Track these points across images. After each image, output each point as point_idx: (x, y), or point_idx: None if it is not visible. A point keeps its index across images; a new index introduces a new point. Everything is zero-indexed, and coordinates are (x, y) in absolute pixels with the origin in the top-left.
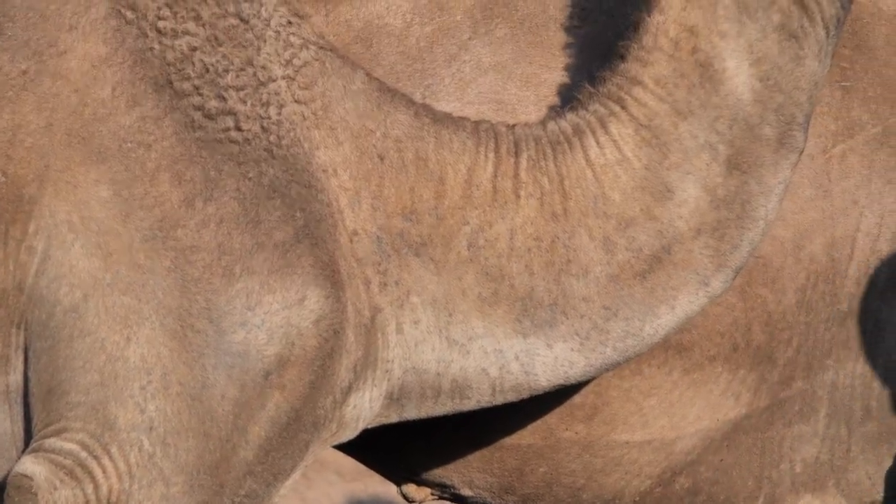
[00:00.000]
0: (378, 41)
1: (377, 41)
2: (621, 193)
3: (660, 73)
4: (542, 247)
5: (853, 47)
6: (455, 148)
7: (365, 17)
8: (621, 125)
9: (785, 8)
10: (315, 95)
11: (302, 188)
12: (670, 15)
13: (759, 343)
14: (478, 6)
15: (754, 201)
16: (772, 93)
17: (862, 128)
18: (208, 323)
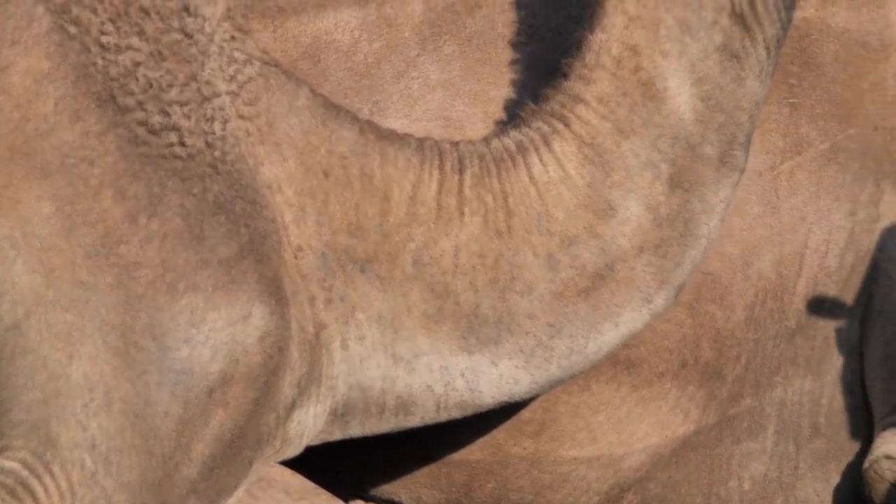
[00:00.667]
0: (326, 57)
1: (325, 57)
2: (564, 211)
3: (602, 91)
4: (486, 264)
5: (801, 64)
6: (400, 165)
7: (313, 33)
8: (564, 143)
9: (727, 28)
10: (259, 111)
11: (247, 204)
12: (613, 34)
13: (707, 360)
14: (426, 23)
15: (696, 219)
16: (713, 112)
17: (810, 145)
18: (152, 340)
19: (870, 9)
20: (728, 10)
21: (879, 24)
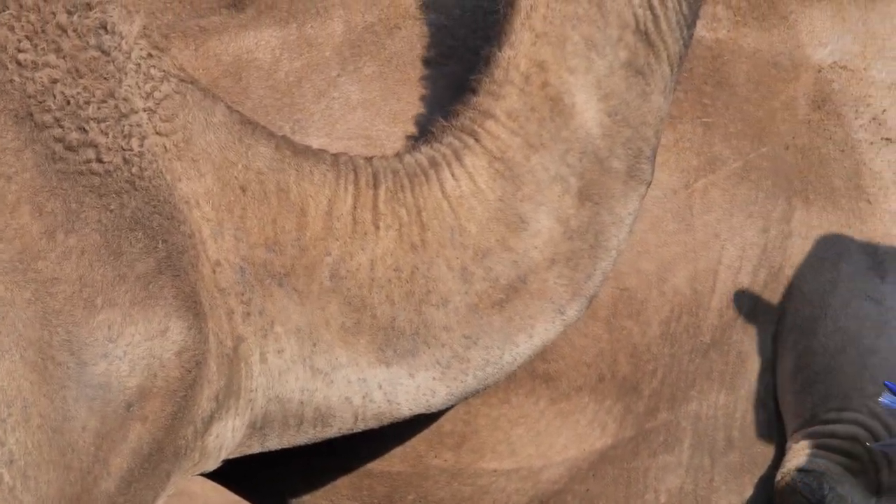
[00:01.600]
0: (247, 75)
1: (246, 75)
2: (477, 224)
3: (511, 106)
4: (401, 277)
5: (714, 84)
6: (316, 180)
7: (234, 52)
8: (475, 157)
9: (632, 45)
10: (176, 127)
11: (164, 220)
12: (521, 50)
13: (624, 374)
14: (346, 43)
15: (606, 232)
16: (620, 127)
17: (723, 163)
18: (69, 355)
19: (780, 30)
20: (633, 27)
21: (790, 45)
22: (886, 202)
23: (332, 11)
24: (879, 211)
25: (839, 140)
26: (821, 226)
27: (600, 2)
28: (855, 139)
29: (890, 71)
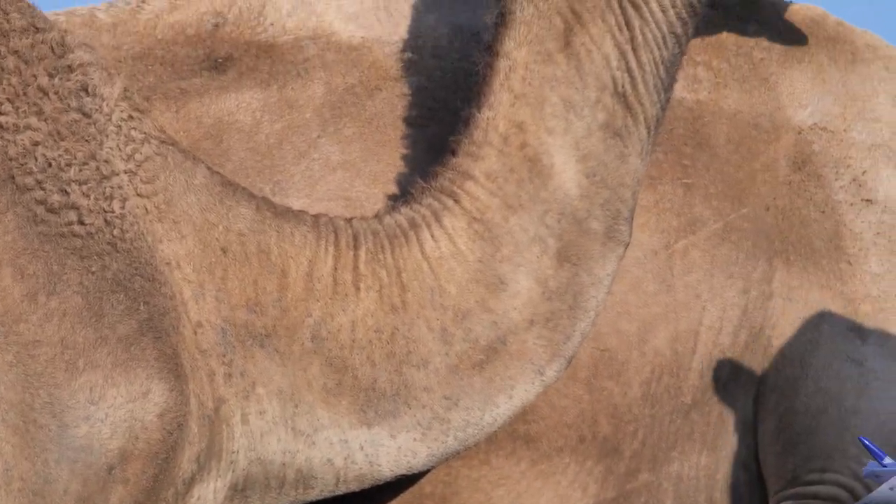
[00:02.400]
0: (228, 137)
1: (227, 137)
2: (457, 286)
3: (490, 167)
4: (382, 338)
5: (695, 145)
6: (296, 241)
7: (215, 114)
8: (454, 218)
9: (610, 107)
10: (157, 189)
11: (145, 281)
12: (500, 111)
13: (605, 435)
14: (327, 105)
15: (585, 292)
16: (598, 188)
17: (704, 224)
18: (51, 417)
19: (761, 91)
20: (611, 89)
21: (770, 106)
22: (867, 263)
23: (312, 73)
24: (860, 272)
25: (819, 201)
26: (801, 286)
27: (578, 64)
28: (835, 200)
29: (870, 132)
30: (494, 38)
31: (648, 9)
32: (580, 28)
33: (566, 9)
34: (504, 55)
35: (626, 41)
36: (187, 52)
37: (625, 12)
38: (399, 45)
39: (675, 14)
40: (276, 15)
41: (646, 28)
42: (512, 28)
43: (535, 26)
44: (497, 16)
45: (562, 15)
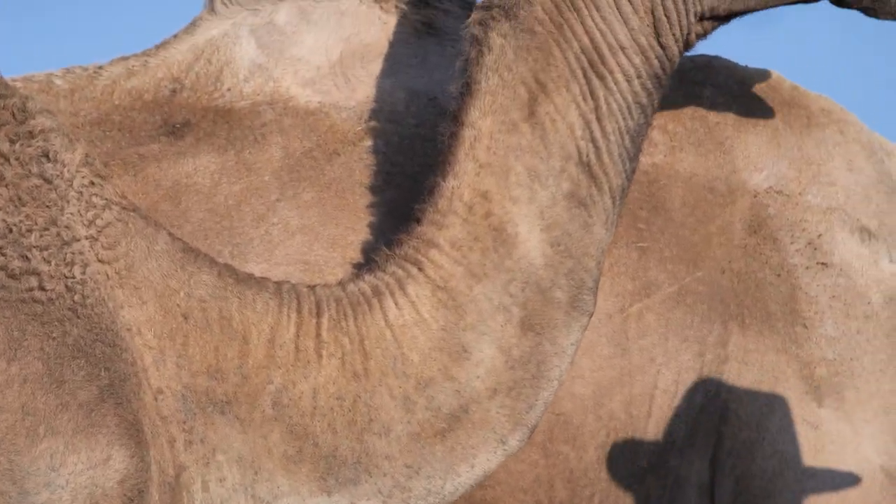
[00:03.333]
0: (186, 199)
1: (186, 198)
2: (420, 354)
3: (455, 236)
4: (344, 406)
5: (650, 209)
6: (258, 308)
7: (173, 177)
8: (419, 287)
9: (574, 176)
10: (118, 255)
11: (106, 347)
12: (464, 180)
13: (561, 499)
14: (285, 168)
15: (548, 362)
16: (562, 258)
17: (659, 287)
18: (11, 484)
19: (716, 154)
20: (576, 158)
21: (726, 170)
22: (822, 326)
23: (270, 138)
24: (815, 335)
25: (775, 265)
26: (757, 350)
27: (543, 133)
28: (791, 264)
29: (825, 196)
30: (459, 107)
31: (613, 79)
32: (545, 98)
33: (531, 78)
34: (469, 124)
35: (591, 111)
36: (145, 118)
37: (589, 82)
38: (356, 110)
39: (639, 84)
40: (234, 80)
41: (610, 98)
42: (477, 98)
43: (500, 96)
44: (462, 85)
45: (526, 85)
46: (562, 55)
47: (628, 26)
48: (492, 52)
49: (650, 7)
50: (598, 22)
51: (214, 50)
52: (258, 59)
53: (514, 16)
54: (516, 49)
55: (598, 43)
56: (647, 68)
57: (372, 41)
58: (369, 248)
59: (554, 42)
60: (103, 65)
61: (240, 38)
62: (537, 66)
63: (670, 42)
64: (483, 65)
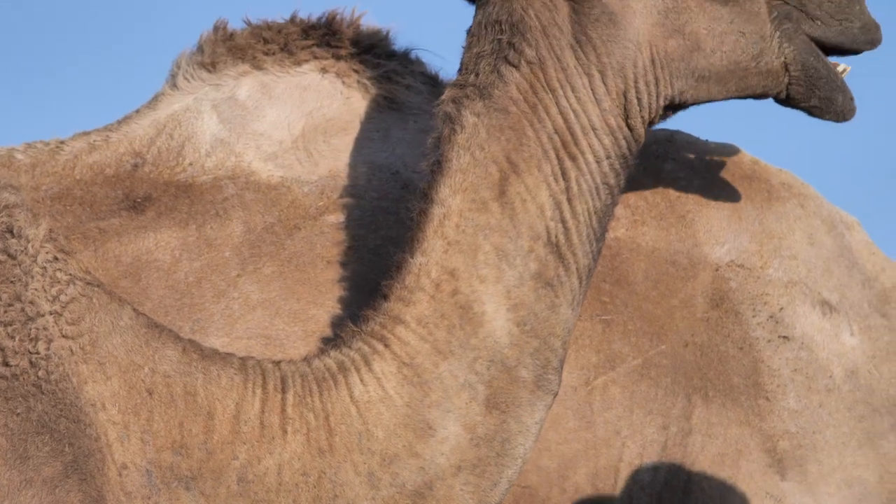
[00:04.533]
0: (147, 276)
1: (146, 276)
2: (384, 430)
3: (422, 312)
4: (309, 482)
5: (613, 282)
6: (223, 383)
7: (134, 253)
8: (384, 363)
9: (542, 257)
10: (83, 330)
11: (70, 423)
12: (432, 257)
13: None
14: (246, 244)
15: (513, 440)
16: (528, 338)
17: (623, 360)
18: None
19: (678, 228)
20: (544, 239)
21: (688, 244)
22: (785, 399)
23: (231, 213)
24: (778, 408)
25: (737, 338)
26: (720, 423)
27: (513, 213)
28: (753, 337)
29: (786, 270)
30: (430, 184)
31: (584, 160)
32: (516, 178)
33: (503, 158)
34: (439, 202)
35: (562, 191)
36: (106, 193)
37: (561, 163)
38: (318, 184)
39: (608, 165)
40: (195, 155)
41: (581, 179)
42: (448, 175)
43: (471, 174)
44: (433, 163)
45: (498, 164)
46: (535, 135)
47: (600, 108)
48: (464, 130)
49: (623, 89)
50: (573, 102)
51: (176, 125)
52: (220, 134)
53: (489, 95)
54: (489, 128)
55: (572, 124)
56: (616, 149)
57: (334, 115)
58: (331, 321)
59: (528, 122)
60: (65, 140)
61: (202, 112)
62: (510, 146)
63: (638, 124)
64: (455, 143)
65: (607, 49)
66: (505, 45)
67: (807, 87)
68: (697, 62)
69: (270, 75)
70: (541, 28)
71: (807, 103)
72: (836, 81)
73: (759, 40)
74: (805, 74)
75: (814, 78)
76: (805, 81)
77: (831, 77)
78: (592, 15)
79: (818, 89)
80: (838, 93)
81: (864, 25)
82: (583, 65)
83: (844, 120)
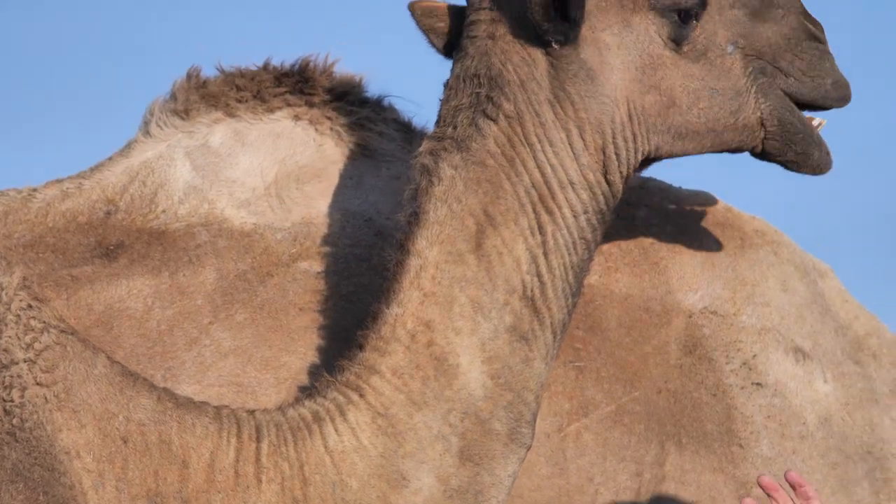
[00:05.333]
0: (119, 324)
1: (118, 324)
2: (358, 480)
3: (397, 363)
4: None
5: (586, 328)
6: (198, 432)
7: (106, 301)
8: (359, 413)
9: (518, 310)
10: (57, 378)
11: (45, 471)
12: (408, 308)
13: None
14: (218, 291)
15: (486, 492)
16: (502, 391)
17: (596, 407)
18: None
19: (651, 275)
20: (520, 292)
21: (661, 290)
22: (758, 446)
23: (204, 260)
24: (751, 455)
25: (711, 385)
26: (694, 470)
27: (489, 266)
28: (726, 384)
29: (759, 316)
30: (406, 236)
31: (561, 214)
32: (493, 230)
33: (480, 211)
34: (416, 253)
35: (538, 245)
36: (79, 240)
37: (538, 217)
38: (291, 231)
39: (585, 220)
40: (168, 202)
41: (558, 233)
42: (425, 227)
43: (448, 227)
44: (410, 214)
45: (475, 217)
46: (512, 189)
47: (578, 163)
48: (442, 182)
49: (601, 145)
50: (551, 157)
51: (149, 172)
52: (193, 181)
53: (467, 148)
54: (467, 181)
55: (549, 178)
56: (594, 204)
57: (307, 163)
58: (303, 369)
59: (505, 175)
60: (37, 187)
61: (175, 160)
62: (487, 199)
63: (616, 179)
64: (432, 195)
65: (585, 104)
66: (483, 98)
67: (783, 141)
68: (673, 118)
69: (244, 122)
70: (519, 82)
71: (783, 157)
72: (812, 136)
73: (736, 96)
74: (781, 129)
75: (790, 133)
76: (781, 136)
77: (807, 132)
78: (570, 70)
79: (794, 144)
80: (814, 147)
81: (836, 82)
82: (560, 120)
83: (821, 173)
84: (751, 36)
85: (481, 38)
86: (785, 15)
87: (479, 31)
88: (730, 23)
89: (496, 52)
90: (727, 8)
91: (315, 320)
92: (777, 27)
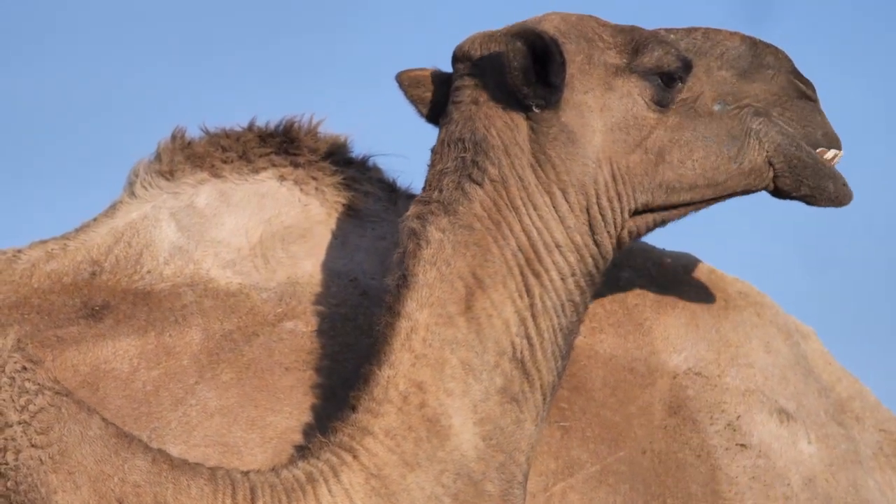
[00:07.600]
0: (105, 385)
1: (104, 385)
2: None
3: (389, 424)
4: None
5: (571, 388)
6: (193, 494)
7: (92, 362)
8: (352, 474)
9: (508, 372)
10: (52, 440)
11: None
12: (400, 370)
13: None
14: (204, 351)
15: None
16: (494, 452)
17: (581, 467)
18: None
19: (636, 336)
20: (510, 354)
21: (645, 351)
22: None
23: (190, 319)
24: None
25: (695, 445)
26: None
27: (479, 328)
28: (710, 445)
29: (743, 378)
30: (396, 298)
31: (549, 277)
32: (482, 293)
33: (468, 274)
34: (406, 316)
35: (526, 307)
36: (64, 301)
37: (525, 279)
38: (276, 290)
39: (573, 283)
40: (154, 263)
41: (545, 296)
42: (414, 290)
43: (438, 289)
44: (399, 277)
45: (464, 279)
46: (499, 252)
47: (564, 225)
48: (430, 245)
49: (585, 206)
50: (536, 220)
51: (134, 233)
52: (178, 242)
53: (454, 211)
54: (454, 244)
55: (535, 241)
56: (582, 266)
57: (292, 223)
58: (289, 428)
59: (492, 239)
60: (22, 248)
61: (160, 220)
62: (475, 262)
63: (604, 239)
64: (421, 258)
65: (566, 167)
66: (469, 162)
67: (793, 178)
68: (664, 175)
69: (229, 183)
70: (503, 147)
71: (798, 193)
72: (823, 169)
73: (733, 140)
74: (789, 165)
75: (798, 168)
76: (790, 172)
77: (817, 165)
78: (550, 134)
79: (806, 178)
80: (828, 180)
81: (826, 134)
82: (543, 183)
83: (842, 205)
84: (739, 94)
85: (466, 103)
86: (775, 75)
87: (463, 97)
88: (717, 83)
89: (480, 118)
90: (715, 70)
91: (301, 380)
92: (766, 86)
